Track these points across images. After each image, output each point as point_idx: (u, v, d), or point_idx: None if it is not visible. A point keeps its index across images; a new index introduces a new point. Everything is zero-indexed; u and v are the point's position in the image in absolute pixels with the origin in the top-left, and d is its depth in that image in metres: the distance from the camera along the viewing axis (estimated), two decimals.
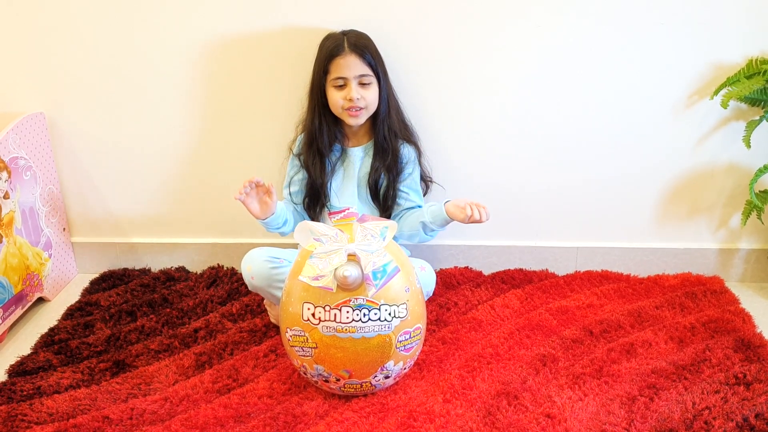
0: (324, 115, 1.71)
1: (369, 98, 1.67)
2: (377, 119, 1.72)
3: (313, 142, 1.73)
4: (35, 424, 1.45)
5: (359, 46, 1.66)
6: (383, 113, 1.71)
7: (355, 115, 1.68)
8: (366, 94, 1.66)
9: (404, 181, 1.76)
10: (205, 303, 1.88)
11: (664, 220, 1.96)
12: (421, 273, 1.68)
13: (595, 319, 1.76)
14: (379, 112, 1.71)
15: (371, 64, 1.66)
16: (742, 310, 1.80)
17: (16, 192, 1.82)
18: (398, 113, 1.77)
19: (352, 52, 1.64)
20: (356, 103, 1.65)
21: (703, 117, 1.84)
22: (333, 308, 1.40)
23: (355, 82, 1.65)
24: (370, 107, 1.69)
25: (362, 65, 1.65)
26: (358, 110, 1.67)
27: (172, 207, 2.03)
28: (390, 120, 1.73)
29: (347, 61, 1.64)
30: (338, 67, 1.65)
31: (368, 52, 1.66)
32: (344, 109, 1.68)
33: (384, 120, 1.72)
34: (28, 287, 1.86)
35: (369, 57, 1.66)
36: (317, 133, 1.72)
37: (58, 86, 1.89)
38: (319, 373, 1.46)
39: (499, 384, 1.53)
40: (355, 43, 1.66)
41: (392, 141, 1.73)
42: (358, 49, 1.65)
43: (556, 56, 1.80)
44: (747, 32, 1.75)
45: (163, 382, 1.58)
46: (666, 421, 1.41)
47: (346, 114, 1.68)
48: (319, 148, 1.72)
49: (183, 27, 1.81)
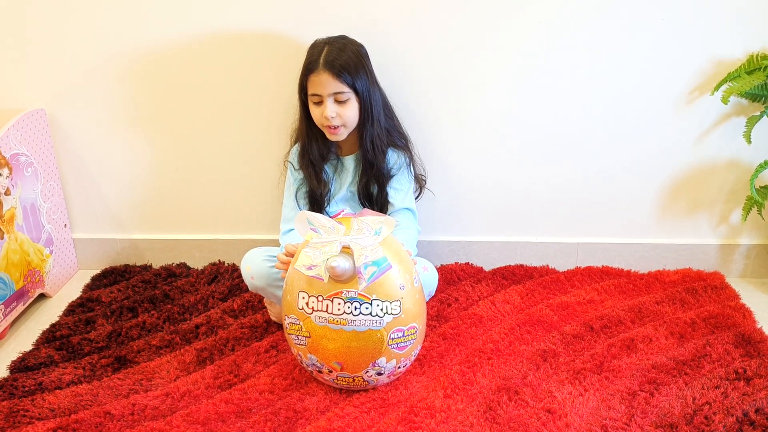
0: (311, 126, 1.71)
1: (346, 115, 1.64)
2: (361, 132, 1.70)
3: (306, 154, 1.74)
4: (37, 419, 1.45)
5: (334, 64, 1.60)
6: (366, 127, 1.68)
7: (334, 132, 1.66)
8: (342, 112, 1.63)
9: (389, 183, 1.75)
10: (206, 299, 1.88)
11: (665, 216, 1.96)
12: (423, 273, 1.68)
13: (596, 315, 1.76)
14: (362, 126, 1.69)
15: (347, 81, 1.61)
16: (742, 305, 1.80)
17: (17, 188, 1.82)
18: (387, 120, 1.74)
19: (326, 71, 1.60)
20: (331, 122, 1.63)
21: (703, 113, 1.84)
22: (325, 299, 1.41)
23: (330, 99, 1.62)
24: (349, 124, 1.66)
25: (336, 83, 1.61)
26: (335, 128, 1.65)
27: (173, 203, 2.03)
28: (374, 132, 1.69)
29: (320, 78, 1.61)
30: (313, 84, 1.63)
31: (344, 70, 1.60)
32: (323, 126, 1.67)
33: (367, 131, 1.69)
34: (29, 283, 1.86)
35: (345, 75, 1.60)
36: (308, 145, 1.72)
37: (59, 83, 1.89)
38: (312, 363, 1.47)
39: (500, 379, 1.53)
40: (330, 60, 1.60)
41: (376, 151, 1.70)
42: (332, 68, 1.60)
43: (557, 52, 1.80)
44: (748, 28, 1.75)
45: (164, 378, 1.58)
46: (666, 416, 1.41)
47: (326, 130, 1.67)
48: (311, 160, 1.73)
49: (184, 22, 1.81)
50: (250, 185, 1.98)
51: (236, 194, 2.00)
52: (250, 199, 2.00)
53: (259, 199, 1.99)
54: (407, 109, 1.82)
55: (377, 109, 1.70)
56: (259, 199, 1.99)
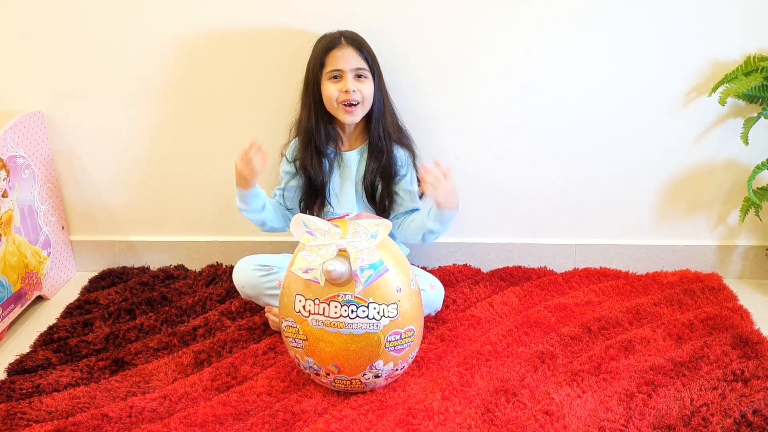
0: (320, 112, 1.70)
1: (365, 92, 1.66)
2: (372, 118, 1.71)
3: (311, 141, 1.71)
4: (34, 422, 1.45)
5: (357, 40, 1.66)
6: (378, 112, 1.70)
7: (351, 111, 1.66)
8: (362, 88, 1.65)
9: (398, 184, 1.75)
10: (204, 301, 1.88)
11: (663, 217, 1.97)
12: (430, 291, 1.69)
13: (594, 316, 1.76)
14: (374, 111, 1.70)
15: (367, 59, 1.66)
16: (740, 306, 1.80)
17: (15, 190, 1.82)
18: (393, 116, 1.75)
19: (349, 45, 1.65)
20: (352, 96, 1.63)
21: (701, 114, 1.84)
22: (322, 302, 1.41)
23: (351, 74, 1.64)
24: (366, 103, 1.67)
25: (359, 58, 1.65)
26: (354, 105, 1.65)
27: (171, 205, 2.03)
28: (385, 120, 1.72)
29: (344, 53, 1.64)
30: (334, 59, 1.64)
31: (365, 48, 1.66)
32: (339, 103, 1.65)
33: (379, 120, 1.70)
34: (27, 286, 1.86)
35: (365, 52, 1.66)
36: (314, 131, 1.70)
37: (56, 84, 1.89)
38: (310, 366, 1.47)
39: (498, 381, 1.53)
40: (352, 38, 1.66)
41: (387, 142, 1.72)
42: (355, 43, 1.65)
43: (554, 54, 1.80)
44: (745, 29, 1.75)
45: (162, 380, 1.58)
46: (664, 418, 1.41)
47: (341, 109, 1.66)
48: (317, 147, 1.71)
49: (181, 24, 1.81)
50: None
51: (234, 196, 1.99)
52: None
53: None
54: (405, 110, 1.82)
55: (388, 100, 1.74)
56: None
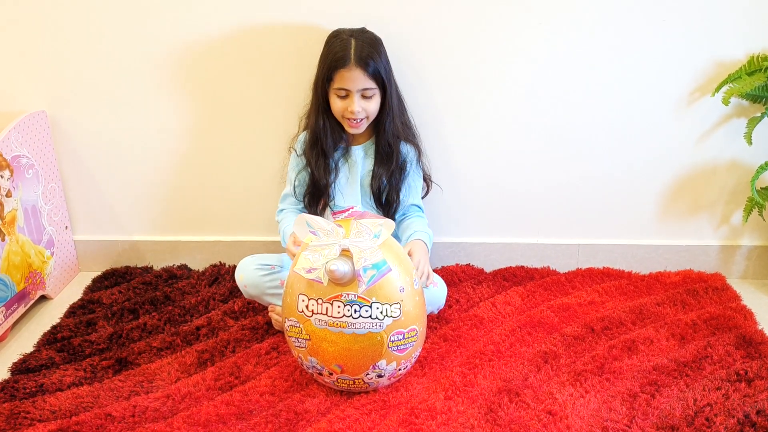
0: (327, 116, 1.70)
1: (370, 109, 1.66)
2: (380, 124, 1.71)
3: (317, 143, 1.72)
4: (38, 421, 1.45)
5: (367, 61, 1.61)
6: (386, 120, 1.70)
7: (356, 126, 1.67)
8: (368, 106, 1.65)
9: (404, 181, 1.75)
10: (207, 301, 1.88)
11: (666, 217, 1.96)
12: (433, 289, 1.68)
13: (597, 316, 1.76)
14: (382, 119, 1.70)
15: (376, 78, 1.63)
16: (743, 306, 1.80)
17: (19, 190, 1.82)
18: (401, 116, 1.75)
19: (357, 66, 1.61)
20: (357, 116, 1.65)
21: (704, 114, 1.84)
22: (325, 302, 1.41)
23: (357, 95, 1.63)
24: (371, 117, 1.68)
25: (366, 79, 1.62)
26: (359, 121, 1.66)
27: (174, 205, 2.03)
28: (393, 126, 1.71)
29: (352, 74, 1.61)
30: (342, 78, 1.62)
31: (375, 64, 1.62)
32: (345, 118, 1.67)
33: (387, 127, 1.70)
34: (30, 285, 1.86)
35: (374, 70, 1.62)
36: (321, 134, 1.71)
37: (60, 84, 1.90)
38: (313, 365, 1.48)
39: (501, 381, 1.53)
40: (363, 57, 1.61)
41: (395, 146, 1.72)
42: (365, 65, 1.61)
43: (558, 54, 1.80)
44: (748, 29, 1.75)
45: (165, 380, 1.58)
46: (667, 418, 1.41)
47: (347, 123, 1.68)
48: (323, 149, 1.71)
49: (185, 22, 1.81)
50: (252, 187, 1.98)
51: (237, 196, 2.01)
52: (251, 201, 2.00)
53: (260, 201, 1.99)
54: (411, 111, 1.82)
55: (397, 102, 1.73)
56: (260, 201, 1.99)
